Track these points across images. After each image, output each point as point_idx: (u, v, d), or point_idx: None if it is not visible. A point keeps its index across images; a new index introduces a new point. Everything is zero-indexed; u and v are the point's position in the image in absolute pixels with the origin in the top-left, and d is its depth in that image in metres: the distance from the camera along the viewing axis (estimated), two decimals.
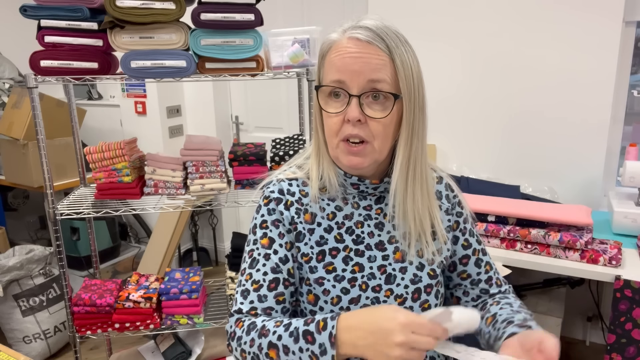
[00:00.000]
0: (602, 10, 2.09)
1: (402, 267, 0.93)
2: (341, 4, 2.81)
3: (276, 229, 0.92)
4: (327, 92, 0.87)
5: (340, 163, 0.90)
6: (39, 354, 2.49)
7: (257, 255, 0.91)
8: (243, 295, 0.89)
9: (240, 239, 1.96)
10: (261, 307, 0.88)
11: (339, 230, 0.93)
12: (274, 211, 0.93)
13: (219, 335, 2.11)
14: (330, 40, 0.88)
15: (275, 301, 0.89)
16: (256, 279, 0.89)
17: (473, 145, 2.47)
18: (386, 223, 0.95)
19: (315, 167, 0.94)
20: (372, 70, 0.82)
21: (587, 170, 2.25)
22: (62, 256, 1.77)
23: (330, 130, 0.87)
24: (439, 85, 2.39)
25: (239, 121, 3.41)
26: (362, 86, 0.83)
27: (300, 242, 0.92)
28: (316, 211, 0.93)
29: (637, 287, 1.58)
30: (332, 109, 0.86)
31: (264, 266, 0.90)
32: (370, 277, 0.92)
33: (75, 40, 1.60)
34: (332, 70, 0.85)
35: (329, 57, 0.87)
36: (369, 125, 0.84)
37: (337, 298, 0.90)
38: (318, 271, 0.91)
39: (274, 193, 0.94)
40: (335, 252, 0.92)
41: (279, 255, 0.91)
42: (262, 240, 0.92)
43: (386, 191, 0.95)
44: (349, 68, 0.83)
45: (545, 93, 2.27)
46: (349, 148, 0.86)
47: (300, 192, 0.95)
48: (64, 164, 2.75)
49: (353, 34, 0.84)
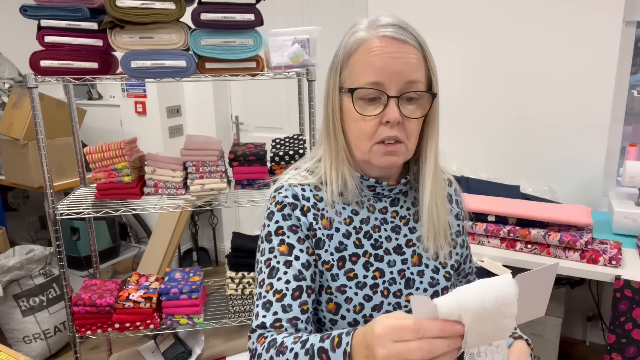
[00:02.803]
0: (602, 10, 2.09)
1: (419, 270, 0.92)
2: (341, 4, 2.81)
3: (294, 234, 0.87)
4: (361, 95, 0.83)
5: (370, 165, 0.87)
6: (39, 354, 2.49)
7: (275, 263, 0.85)
8: (265, 307, 0.82)
9: (240, 239, 1.96)
10: (286, 317, 0.81)
11: (357, 235, 0.90)
12: (289, 217, 0.88)
13: (219, 335, 2.10)
14: (358, 38, 0.83)
15: (300, 310, 0.82)
16: (278, 288, 0.83)
17: (473, 145, 2.47)
18: (402, 226, 0.93)
19: (334, 172, 0.90)
20: (410, 71, 0.81)
21: (587, 170, 2.25)
22: (62, 256, 1.77)
23: (364, 133, 0.84)
24: (440, 85, 2.38)
25: (239, 121, 3.41)
26: (401, 87, 0.81)
27: (321, 249, 0.88)
28: (333, 216, 0.90)
29: (637, 287, 1.58)
30: (368, 112, 0.83)
31: (286, 274, 0.84)
32: (392, 283, 0.90)
33: (75, 40, 1.60)
34: (369, 71, 0.81)
35: (359, 57, 0.83)
36: (405, 125, 0.83)
37: (360, 306, 0.87)
38: (339, 279, 0.87)
39: (287, 198, 0.89)
40: (356, 258, 0.89)
41: (300, 261, 0.85)
42: (280, 247, 0.86)
43: (401, 193, 0.94)
44: (389, 69, 0.80)
45: (545, 93, 2.27)
46: (386, 148, 0.83)
47: (315, 197, 0.91)
48: (64, 164, 2.75)
49: (385, 32, 0.81)
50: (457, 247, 0.98)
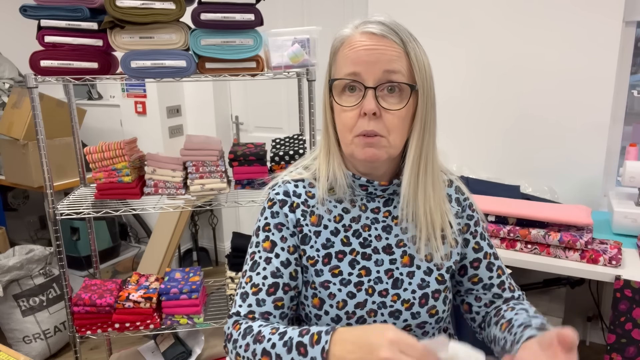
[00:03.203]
0: (602, 10, 2.09)
1: (409, 271, 0.91)
2: (341, 4, 2.81)
3: (279, 232, 0.91)
4: (341, 86, 0.85)
5: (354, 158, 0.88)
6: (39, 354, 2.49)
7: (258, 258, 0.90)
8: (242, 298, 0.89)
9: (240, 239, 1.96)
10: (259, 311, 0.87)
11: (346, 233, 0.92)
12: (277, 214, 0.92)
13: (219, 335, 2.11)
14: (342, 35, 0.87)
15: (274, 306, 0.87)
16: (256, 282, 0.88)
17: (473, 145, 2.47)
18: (394, 226, 0.93)
19: (324, 166, 0.92)
20: (387, 61, 0.82)
21: (587, 170, 2.25)
22: (62, 256, 1.77)
23: (345, 125, 0.85)
24: (439, 85, 2.37)
25: (239, 121, 3.41)
26: (378, 77, 0.82)
27: (306, 244, 0.91)
28: (323, 213, 0.92)
29: (637, 287, 1.58)
30: (346, 103, 0.84)
31: (264, 270, 0.89)
32: (377, 281, 0.90)
33: (75, 40, 1.60)
34: (347, 63, 0.84)
35: (341, 52, 0.86)
36: (384, 119, 0.83)
37: (343, 302, 0.88)
38: (324, 274, 0.90)
39: (278, 195, 0.93)
40: (342, 255, 0.91)
41: (280, 259, 0.89)
42: (264, 243, 0.91)
43: (395, 193, 0.94)
44: (364, 59, 0.82)
45: (545, 93, 2.27)
46: (364, 140, 0.84)
47: (307, 194, 0.93)
48: (64, 164, 2.75)
49: (366, 28, 0.84)
50: (458, 247, 0.96)
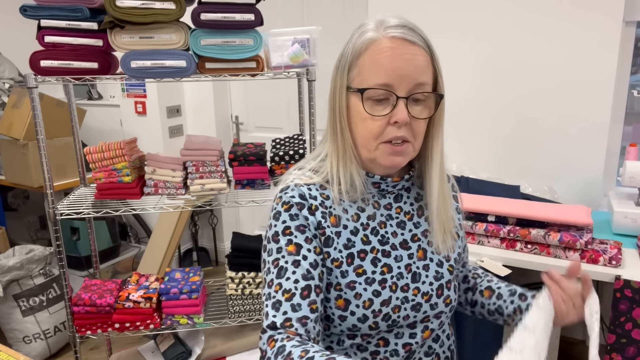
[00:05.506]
0: (602, 10, 2.09)
1: (424, 264, 0.94)
2: (341, 4, 2.81)
3: (302, 234, 0.88)
4: (370, 95, 0.84)
5: (375, 163, 0.89)
6: (39, 354, 2.50)
7: (284, 263, 0.86)
8: (274, 307, 0.83)
9: (240, 239, 1.95)
10: (295, 316, 0.82)
11: (365, 231, 0.92)
12: (297, 216, 0.88)
13: (219, 335, 2.10)
14: (367, 39, 0.84)
15: (310, 309, 0.83)
16: (287, 288, 0.84)
17: (473, 145, 2.47)
18: (407, 221, 0.96)
19: (341, 169, 0.90)
20: (420, 73, 0.83)
21: (587, 170, 2.25)
22: (62, 256, 1.77)
23: (371, 133, 0.85)
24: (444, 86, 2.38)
25: (239, 121, 3.41)
26: (410, 89, 0.83)
27: (330, 247, 0.89)
28: (340, 213, 0.91)
29: (637, 287, 1.58)
30: (376, 112, 0.84)
31: (294, 274, 0.85)
32: (399, 277, 0.92)
33: (75, 40, 1.60)
34: (379, 72, 0.82)
35: (368, 57, 0.84)
36: (412, 125, 0.85)
37: (369, 301, 0.88)
38: (349, 275, 0.89)
39: (294, 198, 0.89)
40: (364, 254, 0.91)
41: (308, 260, 0.86)
42: (288, 247, 0.87)
43: (403, 188, 0.96)
44: (399, 72, 0.81)
45: (545, 93, 2.27)
46: (393, 148, 0.85)
47: (322, 196, 0.92)
48: (64, 164, 2.75)
49: (394, 33, 0.82)
50: (459, 240, 1.02)
